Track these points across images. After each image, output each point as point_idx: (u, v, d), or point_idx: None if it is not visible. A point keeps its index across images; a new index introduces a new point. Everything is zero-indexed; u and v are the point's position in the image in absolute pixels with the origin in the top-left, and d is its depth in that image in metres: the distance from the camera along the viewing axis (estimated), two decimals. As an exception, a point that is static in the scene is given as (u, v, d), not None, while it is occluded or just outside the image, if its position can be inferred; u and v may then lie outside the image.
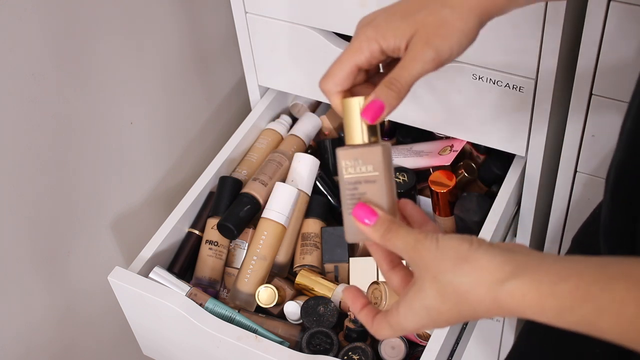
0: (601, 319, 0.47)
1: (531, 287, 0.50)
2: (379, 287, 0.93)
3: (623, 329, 0.46)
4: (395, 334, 0.60)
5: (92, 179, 1.03)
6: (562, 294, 0.49)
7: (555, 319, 0.49)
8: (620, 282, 0.47)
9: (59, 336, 1.07)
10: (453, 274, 0.53)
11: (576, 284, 0.48)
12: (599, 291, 0.47)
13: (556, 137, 1.02)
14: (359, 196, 0.63)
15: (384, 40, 0.62)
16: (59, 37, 0.91)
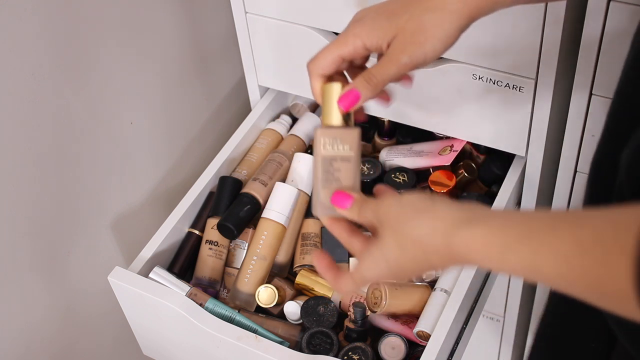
0: (539, 257, 0.49)
1: (481, 231, 0.53)
2: (379, 287, 0.93)
3: (558, 267, 0.48)
4: (356, 286, 0.64)
5: (92, 179, 1.03)
6: (507, 235, 0.52)
7: (499, 261, 0.52)
8: (563, 224, 0.49)
9: (59, 336, 1.07)
10: (411, 224, 0.57)
11: (521, 227, 0.51)
12: (541, 231, 0.50)
13: (556, 137, 1.02)
14: (334, 172, 0.70)
15: (367, 39, 0.67)
16: (59, 37, 0.91)
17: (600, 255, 0.46)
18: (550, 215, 0.51)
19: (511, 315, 1.27)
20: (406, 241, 0.58)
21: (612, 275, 0.45)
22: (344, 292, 0.66)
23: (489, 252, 0.53)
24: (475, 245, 0.53)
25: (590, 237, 0.47)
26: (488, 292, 1.08)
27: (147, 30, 1.06)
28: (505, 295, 1.23)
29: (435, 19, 0.64)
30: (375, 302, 0.93)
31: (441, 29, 0.64)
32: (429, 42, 0.65)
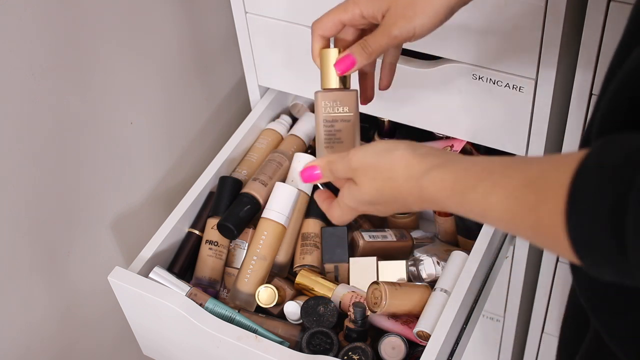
0: (492, 195, 0.53)
1: (449, 173, 0.58)
2: (379, 287, 0.93)
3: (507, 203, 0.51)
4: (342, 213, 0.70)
5: (92, 178, 1.03)
6: (468, 176, 0.56)
7: (461, 201, 0.56)
8: (515, 164, 0.53)
9: (59, 336, 1.07)
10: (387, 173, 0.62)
11: (480, 168, 0.55)
12: (496, 171, 0.54)
13: (556, 137, 1.02)
14: (335, 132, 0.76)
15: (364, 8, 0.73)
16: (59, 37, 0.91)
17: (542, 192, 0.48)
18: (507, 158, 0.55)
19: (511, 315, 1.27)
20: (385, 186, 0.63)
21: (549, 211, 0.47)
22: (332, 219, 0.73)
23: (453, 192, 0.57)
24: (442, 186, 0.58)
25: (535, 175, 0.50)
26: (488, 292, 1.08)
27: (147, 30, 1.06)
28: (505, 295, 1.23)
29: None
30: (375, 302, 0.93)
31: (430, 6, 0.69)
32: (418, 17, 0.69)
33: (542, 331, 1.32)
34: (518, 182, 0.51)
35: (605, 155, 0.45)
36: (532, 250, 1.14)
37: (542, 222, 0.48)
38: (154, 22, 1.06)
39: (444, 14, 0.70)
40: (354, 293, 0.99)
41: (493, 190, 0.53)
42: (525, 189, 0.50)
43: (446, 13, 0.70)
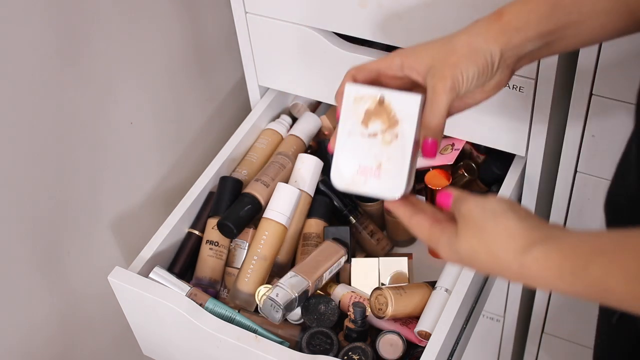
0: (610, 275, 0.50)
1: (554, 250, 0.55)
2: (384, 292, 0.93)
3: (628, 284, 0.49)
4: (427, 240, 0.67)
5: (92, 178, 1.03)
6: (579, 254, 0.53)
7: (571, 282, 0.53)
8: (632, 239, 0.50)
9: (59, 336, 1.07)
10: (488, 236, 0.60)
11: (592, 246, 0.53)
12: (611, 249, 0.51)
13: (556, 137, 1.02)
14: None
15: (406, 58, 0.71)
16: (59, 37, 0.91)
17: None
18: (618, 233, 0.52)
19: (511, 315, 1.27)
20: (481, 249, 0.60)
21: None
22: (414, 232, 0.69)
23: (561, 273, 0.54)
24: (548, 266, 0.55)
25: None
26: (488, 292, 1.08)
27: (147, 30, 1.06)
28: (505, 295, 1.23)
29: (463, 41, 0.68)
30: (379, 308, 0.93)
31: (468, 48, 0.68)
32: (461, 63, 0.67)
33: (542, 331, 1.32)
34: (637, 263, 0.49)
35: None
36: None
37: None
38: (154, 22, 1.06)
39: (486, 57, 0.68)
40: (354, 293, 0.99)
41: (609, 272, 0.51)
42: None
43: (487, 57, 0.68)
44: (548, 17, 0.67)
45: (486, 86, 0.72)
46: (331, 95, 1.12)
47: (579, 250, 0.53)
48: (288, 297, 0.92)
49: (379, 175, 0.71)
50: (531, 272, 0.56)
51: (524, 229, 0.58)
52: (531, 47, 0.69)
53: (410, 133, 0.70)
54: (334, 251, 1.00)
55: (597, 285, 0.52)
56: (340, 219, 1.10)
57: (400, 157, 0.71)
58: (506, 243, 0.58)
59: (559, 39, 0.69)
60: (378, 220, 1.15)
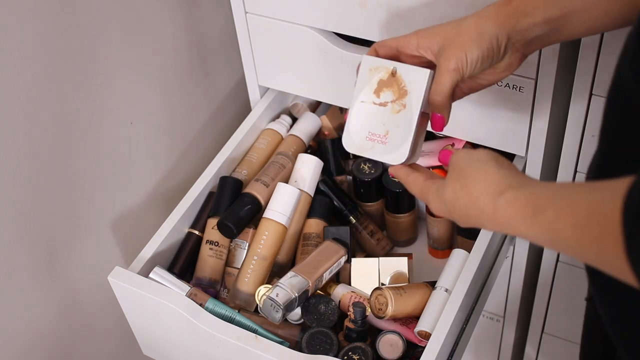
0: (560, 220, 0.54)
1: (522, 195, 0.59)
2: (384, 292, 0.93)
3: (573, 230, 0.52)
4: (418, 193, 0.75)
5: (92, 179, 1.03)
6: (540, 199, 0.57)
7: (530, 224, 0.57)
8: (583, 189, 0.53)
9: (59, 336, 1.07)
10: (470, 181, 0.65)
11: (552, 192, 0.57)
12: (564, 195, 0.55)
13: (556, 137, 1.02)
14: None
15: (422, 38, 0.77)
16: (59, 37, 0.91)
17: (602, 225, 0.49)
18: (576, 183, 0.57)
19: (511, 315, 1.27)
20: (462, 192, 0.66)
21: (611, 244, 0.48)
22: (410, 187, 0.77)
23: (524, 215, 0.58)
24: (514, 209, 0.59)
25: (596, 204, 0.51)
26: (488, 292, 1.08)
27: (147, 30, 1.06)
28: (505, 295, 1.23)
29: (471, 24, 0.73)
30: (379, 308, 0.93)
31: (475, 31, 0.72)
32: (467, 45, 0.72)
33: (542, 331, 1.32)
34: (583, 211, 0.52)
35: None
36: (532, 250, 1.14)
37: (606, 254, 0.49)
38: (154, 22, 1.06)
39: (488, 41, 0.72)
40: (354, 293, 0.99)
41: (560, 217, 0.54)
42: (589, 219, 0.51)
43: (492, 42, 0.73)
44: (554, 3, 0.71)
45: (497, 67, 0.76)
46: (331, 95, 1.12)
47: (541, 195, 0.57)
48: (288, 297, 0.92)
49: (385, 142, 0.78)
50: (501, 214, 0.61)
51: (503, 176, 0.63)
52: (538, 32, 0.73)
53: (417, 105, 0.77)
54: (334, 251, 1.00)
55: (549, 229, 0.55)
56: (340, 219, 1.10)
57: (406, 126, 0.77)
58: (484, 187, 0.63)
59: (565, 25, 0.72)
60: (378, 220, 1.15)
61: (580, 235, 0.52)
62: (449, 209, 0.69)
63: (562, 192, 0.55)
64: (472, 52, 0.72)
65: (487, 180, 0.64)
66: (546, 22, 0.72)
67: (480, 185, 0.64)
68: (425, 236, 1.16)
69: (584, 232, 0.51)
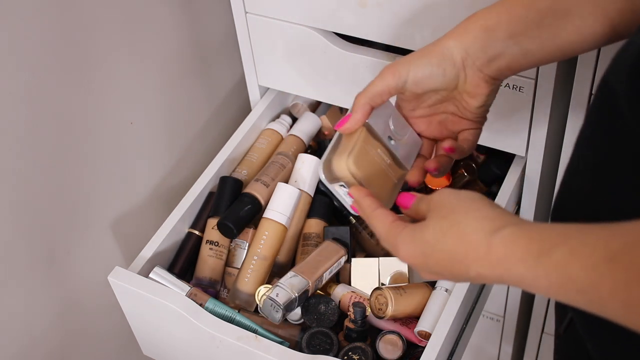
0: (571, 263, 0.49)
1: (522, 233, 0.53)
2: (384, 292, 0.93)
3: (589, 274, 0.47)
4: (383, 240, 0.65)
5: (92, 179, 1.03)
6: (545, 238, 0.52)
7: (533, 265, 0.51)
8: (595, 231, 0.49)
9: (58, 336, 1.07)
10: (460, 217, 0.58)
11: (559, 232, 0.51)
12: (574, 237, 0.50)
13: (556, 137, 1.02)
14: None
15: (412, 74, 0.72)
16: (59, 37, 0.91)
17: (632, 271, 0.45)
18: (585, 224, 0.51)
19: (511, 315, 1.27)
20: (451, 230, 0.58)
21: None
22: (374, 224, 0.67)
23: (526, 257, 0.52)
24: (514, 247, 0.53)
25: (619, 248, 0.46)
26: (488, 292, 1.08)
27: (147, 30, 1.06)
28: (505, 295, 1.23)
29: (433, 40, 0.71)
30: (379, 308, 0.93)
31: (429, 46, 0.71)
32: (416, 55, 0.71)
33: (542, 331, 1.32)
34: (600, 254, 0.47)
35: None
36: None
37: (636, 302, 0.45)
38: (154, 22, 1.06)
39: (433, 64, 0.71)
40: (354, 293, 0.99)
41: (571, 259, 0.49)
42: (611, 264, 0.46)
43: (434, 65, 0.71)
44: (520, 18, 0.67)
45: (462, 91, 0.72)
46: (331, 95, 1.12)
47: (546, 234, 0.52)
48: (288, 297, 0.92)
49: None
50: (497, 253, 0.54)
51: (497, 213, 0.57)
52: (502, 49, 0.68)
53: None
54: (334, 251, 1.00)
55: (558, 271, 0.50)
56: (340, 219, 1.10)
57: None
58: (478, 223, 0.57)
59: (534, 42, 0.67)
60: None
61: (599, 280, 0.47)
62: (425, 253, 0.60)
63: (572, 233, 0.50)
64: (419, 63, 0.70)
65: (481, 216, 0.57)
66: (511, 36, 0.67)
67: (475, 221, 0.57)
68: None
69: (604, 277, 0.46)
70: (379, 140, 0.76)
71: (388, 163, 0.76)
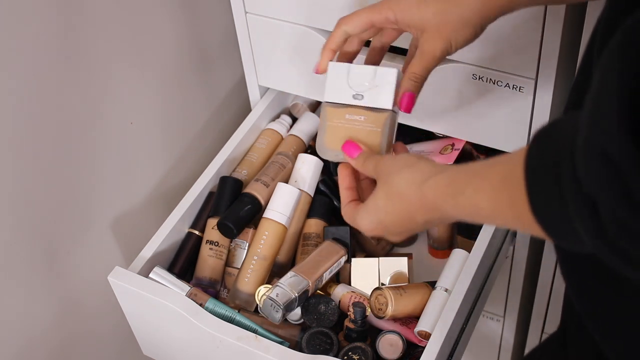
0: (479, 194, 0.57)
1: (443, 178, 0.62)
2: (384, 292, 0.93)
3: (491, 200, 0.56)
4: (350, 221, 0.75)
5: (92, 179, 1.03)
6: (460, 178, 0.60)
7: (453, 204, 0.60)
8: (494, 162, 0.57)
9: (58, 336, 1.07)
10: (397, 177, 0.66)
11: (469, 170, 0.59)
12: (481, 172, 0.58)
13: (556, 137, 1.02)
14: None
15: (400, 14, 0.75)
16: (59, 37, 0.91)
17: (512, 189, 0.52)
18: (491, 159, 0.58)
19: (511, 315, 1.27)
20: (392, 193, 0.67)
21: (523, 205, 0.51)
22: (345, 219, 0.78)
23: (447, 196, 0.61)
24: (438, 191, 0.62)
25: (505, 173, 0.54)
26: (488, 292, 1.08)
27: (147, 30, 1.06)
28: (505, 295, 1.23)
29: (458, 15, 0.72)
30: (379, 308, 0.94)
31: (463, 26, 0.73)
32: (453, 37, 0.73)
33: (542, 331, 1.32)
34: (496, 182, 0.55)
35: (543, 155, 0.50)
36: (532, 250, 1.14)
37: (521, 216, 0.52)
38: (154, 22, 1.06)
39: (474, 31, 0.74)
40: (354, 293, 0.99)
41: (478, 192, 0.57)
42: (502, 188, 0.55)
43: (476, 30, 0.74)
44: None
45: None
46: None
47: (460, 175, 0.60)
48: (288, 297, 0.92)
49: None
50: (428, 200, 0.63)
51: (425, 166, 0.65)
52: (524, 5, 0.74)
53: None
54: (334, 251, 1.00)
55: (470, 204, 0.58)
56: (340, 219, 1.10)
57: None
58: (411, 179, 0.65)
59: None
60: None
61: (497, 204, 0.55)
62: (380, 220, 0.69)
63: (477, 170, 0.59)
64: (458, 41, 0.74)
65: (411, 171, 0.65)
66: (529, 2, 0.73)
67: (407, 179, 0.65)
68: (425, 236, 1.16)
69: (499, 202, 0.55)
70: (344, 106, 0.80)
71: (363, 120, 0.79)
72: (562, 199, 0.47)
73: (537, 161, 0.51)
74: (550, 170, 0.49)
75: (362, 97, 0.80)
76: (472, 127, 1.02)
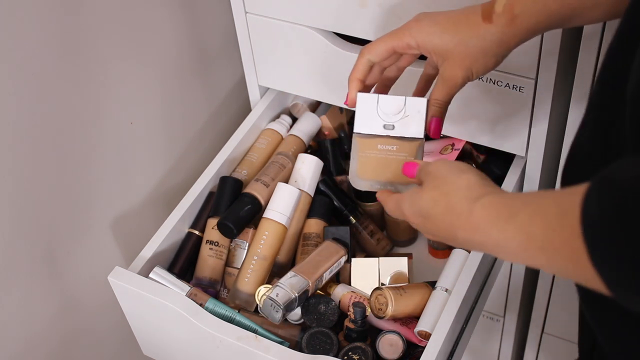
0: (532, 222, 0.55)
1: (496, 200, 0.61)
2: (384, 292, 0.93)
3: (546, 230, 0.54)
4: (393, 211, 0.75)
5: (92, 178, 1.03)
6: (512, 204, 0.59)
7: (503, 228, 0.58)
8: (550, 195, 0.56)
9: (58, 336, 1.07)
10: (449, 187, 0.66)
11: (523, 198, 0.58)
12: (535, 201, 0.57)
13: (556, 137, 1.02)
14: None
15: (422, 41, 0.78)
16: (60, 37, 0.91)
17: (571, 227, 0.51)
18: (545, 190, 0.58)
19: (511, 315, 1.27)
20: (440, 200, 0.66)
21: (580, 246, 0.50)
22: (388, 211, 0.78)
23: (496, 219, 0.59)
24: (488, 212, 0.61)
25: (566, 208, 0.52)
26: (488, 292, 1.08)
27: (147, 30, 1.06)
28: (505, 295, 1.23)
29: (478, 47, 0.75)
30: (379, 308, 0.94)
31: (483, 56, 0.75)
32: (474, 66, 0.76)
33: (542, 331, 1.32)
34: (552, 214, 0.53)
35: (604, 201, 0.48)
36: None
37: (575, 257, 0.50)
38: (154, 22, 1.06)
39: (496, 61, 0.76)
40: (354, 293, 0.99)
41: (532, 219, 0.55)
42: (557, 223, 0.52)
43: (498, 60, 0.76)
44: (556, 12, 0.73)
45: None
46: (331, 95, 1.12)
47: (512, 201, 0.59)
48: (288, 297, 0.92)
49: None
50: (476, 217, 0.62)
51: (482, 184, 0.65)
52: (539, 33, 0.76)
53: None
54: (334, 251, 1.00)
55: (522, 231, 0.56)
56: (340, 219, 1.10)
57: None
58: (463, 193, 0.64)
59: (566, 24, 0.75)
60: (378, 220, 1.15)
61: (552, 235, 0.53)
62: (423, 215, 0.69)
63: (532, 198, 0.57)
64: (479, 70, 0.76)
65: (467, 186, 0.65)
66: (547, 29, 0.75)
67: (461, 192, 0.65)
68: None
69: (556, 233, 0.53)
70: (375, 136, 0.82)
71: (395, 149, 0.81)
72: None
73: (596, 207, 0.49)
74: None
75: (393, 127, 0.82)
76: (472, 127, 1.02)
